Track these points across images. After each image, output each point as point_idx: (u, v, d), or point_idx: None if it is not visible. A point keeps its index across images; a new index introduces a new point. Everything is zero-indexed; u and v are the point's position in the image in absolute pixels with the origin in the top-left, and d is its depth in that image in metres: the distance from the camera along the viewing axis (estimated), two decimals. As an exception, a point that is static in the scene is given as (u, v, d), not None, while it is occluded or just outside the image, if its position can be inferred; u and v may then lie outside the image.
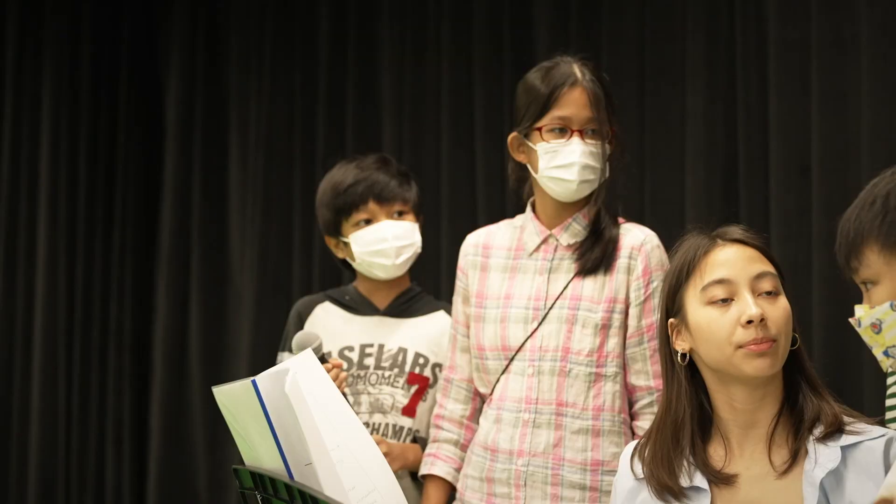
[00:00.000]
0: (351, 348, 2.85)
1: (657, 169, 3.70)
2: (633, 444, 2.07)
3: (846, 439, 1.88)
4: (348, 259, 2.89)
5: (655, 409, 2.53)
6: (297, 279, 4.58)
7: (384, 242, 2.81)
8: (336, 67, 4.53)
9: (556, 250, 2.63)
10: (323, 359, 2.62)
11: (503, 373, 2.61)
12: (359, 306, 2.91)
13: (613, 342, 2.56)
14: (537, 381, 2.56)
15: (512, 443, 2.55)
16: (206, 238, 4.82)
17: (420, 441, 2.80)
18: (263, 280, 4.64)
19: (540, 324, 2.58)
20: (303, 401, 1.69)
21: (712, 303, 1.94)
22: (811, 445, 1.89)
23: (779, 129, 3.47)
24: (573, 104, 2.56)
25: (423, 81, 4.33)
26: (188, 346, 4.83)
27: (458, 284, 2.73)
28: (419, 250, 2.88)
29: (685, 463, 1.96)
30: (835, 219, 3.29)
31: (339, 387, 2.61)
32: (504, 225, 2.76)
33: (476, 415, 2.70)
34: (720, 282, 1.94)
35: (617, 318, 2.56)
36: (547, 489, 2.52)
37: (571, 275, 2.60)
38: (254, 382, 1.69)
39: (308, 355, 1.78)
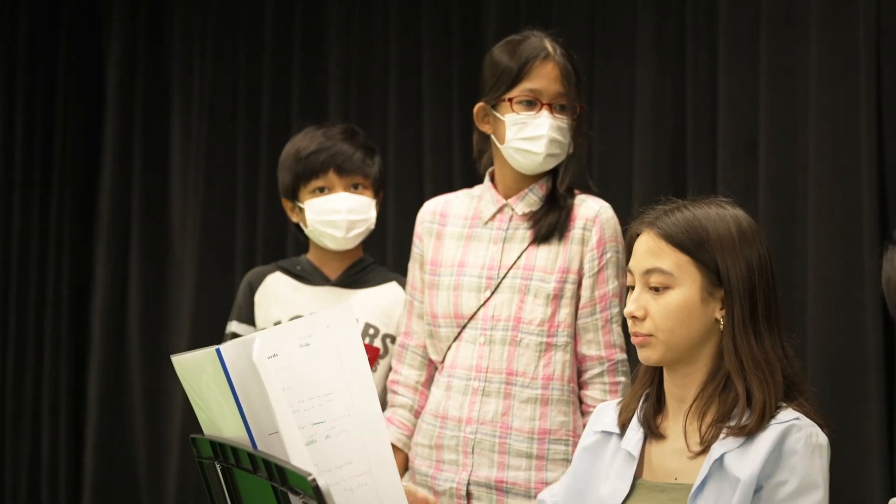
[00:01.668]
0: (301, 317, 2.83)
1: (605, 142, 3.70)
2: (614, 401, 2.11)
3: (760, 427, 1.89)
4: (301, 224, 2.88)
5: (606, 378, 2.58)
6: (240, 249, 4.54)
7: (337, 214, 2.80)
8: (282, 35, 4.48)
9: (511, 220, 2.65)
10: None
11: (455, 340, 2.63)
12: (310, 276, 2.90)
13: (565, 312, 2.58)
14: (488, 349, 2.59)
15: (461, 410, 2.58)
16: (146, 206, 4.76)
17: None
18: (206, 249, 4.60)
19: (493, 293, 2.61)
20: (274, 370, 1.66)
21: (628, 286, 2.02)
22: (724, 432, 1.91)
23: (727, 105, 3.49)
24: (545, 78, 2.58)
25: (370, 51, 4.30)
26: (127, 315, 4.78)
27: (415, 251, 2.75)
28: (372, 226, 2.87)
29: (634, 420, 2.02)
30: (781, 195, 3.37)
31: None
32: (462, 194, 2.78)
33: (431, 381, 2.72)
34: (628, 270, 2.01)
35: (569, 289, 2.58)
36: (494, 457, 2.55)
37: (526, 244, 2.62)
38: (218, 351, 1.66)
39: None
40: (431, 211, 2.76)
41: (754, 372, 1.91)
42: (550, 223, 2.60)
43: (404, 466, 2.72)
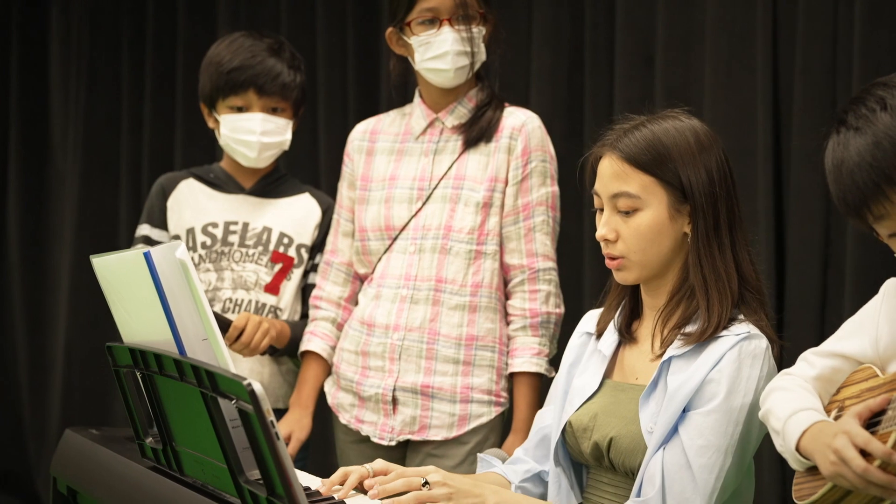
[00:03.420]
0: (215, 225, 2.80)
1: (503, 53, 3.69)
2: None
3: (711, 335, 1.93)
4: (216, 132, 2.82)
5: (526, 287, 2.61)
6: (125, 159, 4.43)
7: (251, 135, 2.75)
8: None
9: (441, 133, 2.67)
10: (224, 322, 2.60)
11: (385, 252, 2.64)
12: (223, 184, 2.86)
13: (494, 221, 2.61)
14: (418, 258, 2.61)
15: (389, 317, 2.60)
16: (24, 115, 4.62)
17: (290, 322, 2.79)
18: (89, 160, 4.48)
19: (424, 203, 2.63)
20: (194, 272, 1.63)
21: (597, 208, 2.04)
22: (679, 337, 1.96)
23: (624, 18, 3.51)
24: None
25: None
26: (6, 227, 4.65)
27: (345, 170, 2.77)
28: (286, 147, 2.83)
29: (611, 325, 2.07)
30: (676, 108, 3.40)
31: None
32: (393, 113, 2.79)
33: (354, 297, 2.76)
34: (595, 193, 2.03)
35: (498, 197, 2.61)
36: (421, 363, 2.58)
37: (456, 155, 2.63)
38: (147, 255, 1.62)
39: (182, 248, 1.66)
40: (362, 130, 2.77)
41: (715, 285, 1.95)
42: (481, 127, 2.62)
43: (326, 374, 2.76)
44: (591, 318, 2.15)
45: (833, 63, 3.14)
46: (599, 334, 2.09)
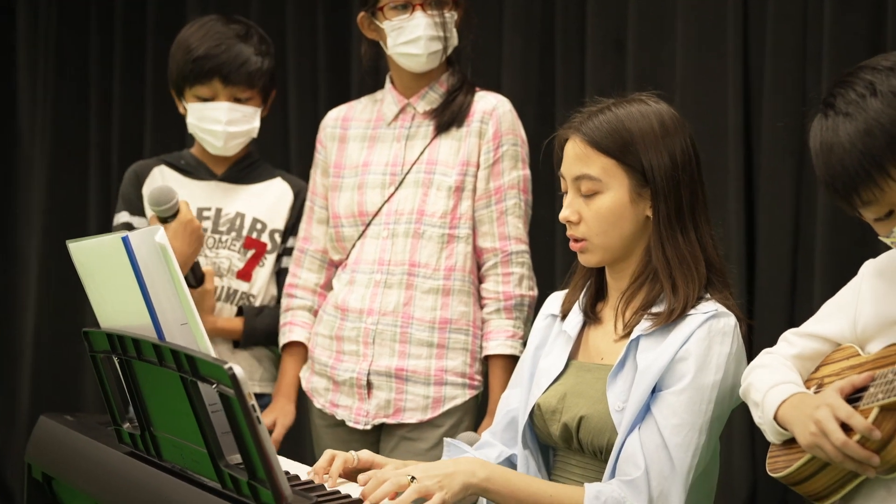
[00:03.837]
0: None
1: (475, 38, 3.69)
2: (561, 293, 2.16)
3: (679, 315, 1.95)
4: (186, 118, 2.81)
5: (499, 270, 2.62)
6: (94, 144, 4.40)
7: (217, 124, 2.74)
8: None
9: (413, 118, 2.68)
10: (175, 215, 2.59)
11: (359, 238, 2.66)
12: (195, 171, 2.85)
13: (466, 205, 2.62)
14: (391, 243, 2.62)
15: (363, 302, 2.61)
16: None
17: (246, 310, 2.78)
18: (57, 144, 4.44)
19: (397, 188, 2.64)
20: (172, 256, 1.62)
21: (563, 191, 2.04)
22: (645, 318, 1.98)
23: (595, 2, 3.51)
24: None
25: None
26: (-28, 213, 4.60)
27: (318, 157, 2.77)
28: (254, 135, 2.82)
29: (575, 306, 2.08)
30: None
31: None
32: (365, 99, 2.79)
33: (330, 283, 2.77)
34: (561, 175, 2.04)
35: (470, 181, 2.62)
36: (395, 346, 2.59)
37: (428, 140, 2.65)
38: (125, 239, 1.62)
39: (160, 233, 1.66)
40: (334, 118, 2.78)
41: (679, 268, 1.96)
42: (452, 112, 2.63)
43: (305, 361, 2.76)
44: (555, 300, 2.16)
45: (803, 47, 3.17)
46: (564, 315, 2.10)
